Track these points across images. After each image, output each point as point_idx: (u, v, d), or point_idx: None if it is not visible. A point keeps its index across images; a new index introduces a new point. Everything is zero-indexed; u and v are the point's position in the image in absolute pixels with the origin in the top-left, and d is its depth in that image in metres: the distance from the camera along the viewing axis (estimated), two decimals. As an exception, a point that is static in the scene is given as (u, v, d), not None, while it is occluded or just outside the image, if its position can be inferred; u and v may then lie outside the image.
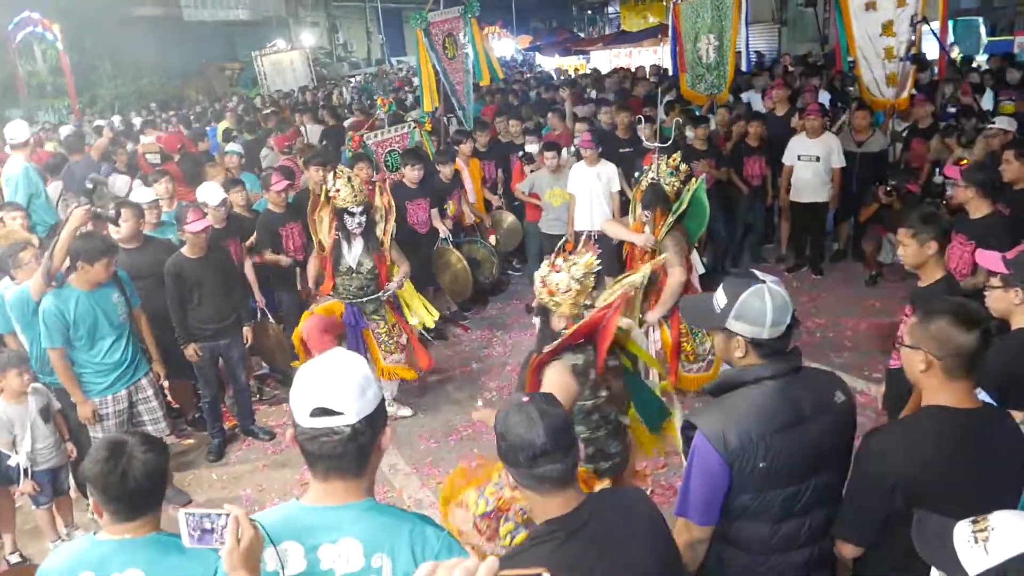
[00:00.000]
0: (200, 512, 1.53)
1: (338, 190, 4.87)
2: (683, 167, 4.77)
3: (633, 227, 4.90)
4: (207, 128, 11.40)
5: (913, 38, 7.11)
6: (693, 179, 4.79)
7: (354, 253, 5.05)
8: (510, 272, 8.26)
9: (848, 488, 2.15)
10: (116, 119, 14.19)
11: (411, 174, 6.36)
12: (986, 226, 4.14)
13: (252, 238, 5.86)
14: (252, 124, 11.29)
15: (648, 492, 3.01)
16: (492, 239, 7.36)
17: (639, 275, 3.65)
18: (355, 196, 4.88)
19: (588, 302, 2.87)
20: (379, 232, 5.17)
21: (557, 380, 2.75)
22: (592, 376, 2.83)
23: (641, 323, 4.88)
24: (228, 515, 1.52)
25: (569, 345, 2.77)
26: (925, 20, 7.12)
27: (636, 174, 5.03)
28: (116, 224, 4.70)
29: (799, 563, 2.15)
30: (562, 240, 3.07)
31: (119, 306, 4.31)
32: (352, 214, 4.92)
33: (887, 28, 7.26)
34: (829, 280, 7.48)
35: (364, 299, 5.13)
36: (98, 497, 2.01)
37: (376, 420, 1.61)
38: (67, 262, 4.07)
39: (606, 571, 1.74)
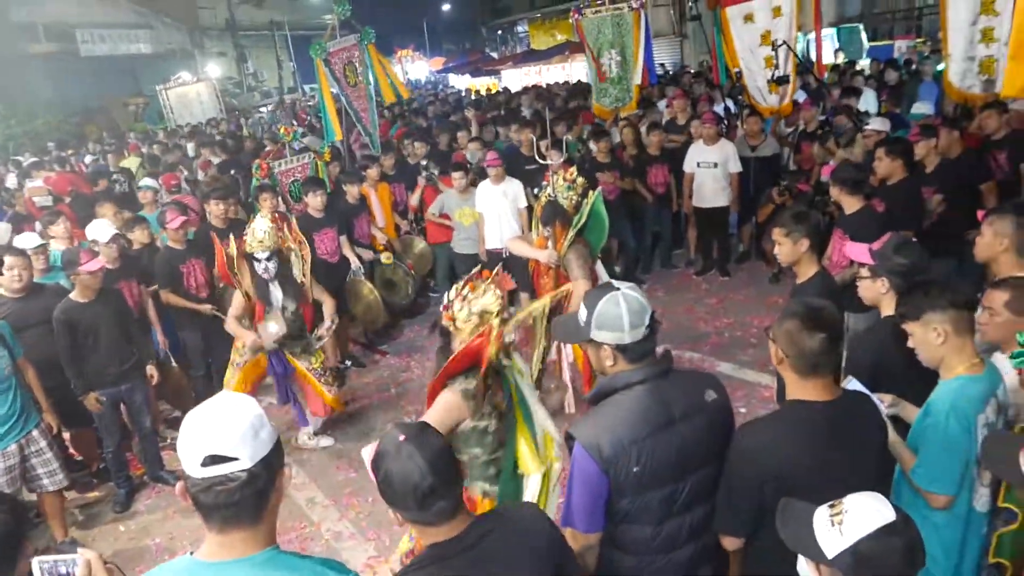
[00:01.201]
0: (53, 558, 1.48)
1: (244, 235, 4.85)
2: (579, 180, 4.87)
3: (537, 243, 4.97)
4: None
5: (784, 49, 7.49)
6: (591, 192, 4.90)
7: (275, 297, 4.98)
8: (429, 295, 8.24)
9: (723, 482, 2.21)
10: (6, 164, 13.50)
11: (314, 201, 6.28)
12: (858, 220, 4.38)
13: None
14: (156, 159, 10.98)
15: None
16: (413, 269, 7.37)
17: (540, 304, 3.68)
18: (261, 241, 4.81)
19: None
20: (296, 273, 5.13)
21: (448, 403, 2.77)
22: (484, 399, 2.85)
23: (546, 350, 4.94)
24: (80, 559, 1.48)
25: (461, 371, 2.79)
26: (785, 43, 7.52)
27: (535, 190, 5.12)
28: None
29: (683, 561, 2.20)
30: (477, 267, 3.07)
31: (2, 359, 4.12)
32: (258, 260, 4.85)
33: (765, 38, 7.64)
34: (735, 280, 7.75)
35: (293, 342, 5.09)
36: None
37: (272, 462, 1.55)
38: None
39: None
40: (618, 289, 2.13)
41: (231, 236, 5.12)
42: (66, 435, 4.86)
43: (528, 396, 2.93)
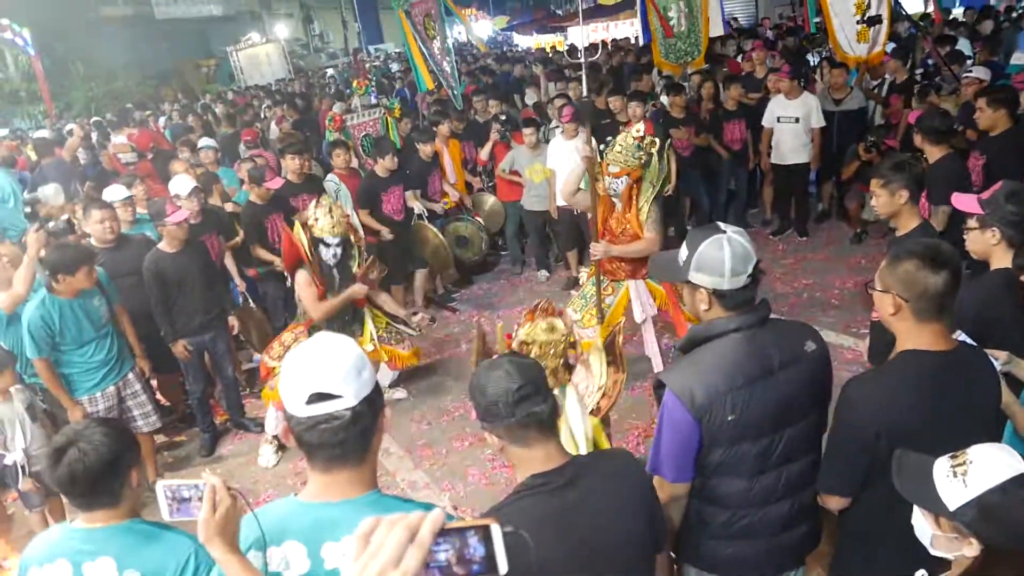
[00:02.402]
0: (178, 482, 1.50)
1: (316, 219, 4.60)
2: (648, 139, 4.64)
3: (601, 198, 4.79)
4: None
5: None
6: (665, 147, 4.71)
7: (336, 283, 4.77)
8: (500, 253, 8.23)
9: (830, 441, 2.13)
10: (90, 121, 14.00)
11: (385, 163, 6.28)
12: (940, 170, 4.15)
13: (239, 235, 5.82)
14: (232, 116, 11.19)
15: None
16: (482, 221, 7.36)
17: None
18: (332, 227, 4.58)
19: (552, 364, 2.83)
20: (354, 267, 4.87)
21: None
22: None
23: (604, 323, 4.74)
24: (205, 484, 1.48)
25: None
26: None
27: (601, 147, 4.91)
28: (73, 233, 4.65)
29: (779, 516, 2.13)
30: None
31: (101, 307, 4.33)
32: (328, 245, 4.60)
33: (856, -19, 7.20)
34: (815, 241, 7.47)
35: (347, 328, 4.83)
36: (55, 488, 1.97)
37: (375, 401, 1.54)
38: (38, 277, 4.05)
39: (592, 528, 1.73)
40: (724, 232, 2.04)
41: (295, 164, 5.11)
42: (154, 382, 5.06)
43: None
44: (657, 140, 5.30)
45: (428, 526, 0.88)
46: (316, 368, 1.48)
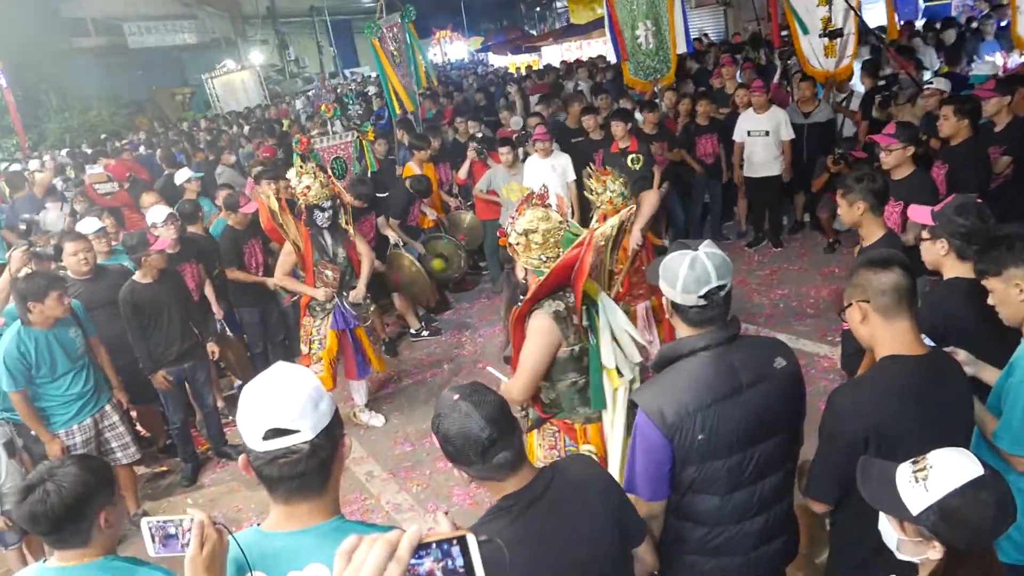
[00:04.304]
0: (163, 519, 1.50)
1: (308, 187, 4.88)
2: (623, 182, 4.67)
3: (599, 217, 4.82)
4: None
5: (844, 7, 7.19)
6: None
7: (328, 244, 5.07)
8: (481, 273, 8.26)
9: (818, 449, 2.15)
10: (62, 152, 13.90)
11: (357, 200, 6.23)
12: (906, 184, 4.25)
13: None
14: (213, 143, 11.21)
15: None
16: (464, 241, 7.38)
17: (608, 226, 3.54)
18: (321, 191, 4.90)
19: (552, 254, 2.85)
20: (342, 222, 5.20)
21: (541, 327, 2.75)
22: (575, 321, 2.84)
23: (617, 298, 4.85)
24: (192, 519, 1.47)
25: (548, 294, 2.78)
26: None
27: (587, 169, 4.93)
28: (57, 261, 4.63)
29: (755, 531, 2.16)
30: (529, 192, 3.07)
31: (77, 339, 4.31)
32: (323, 209, 4.94)
33: (822, -3, 7.36)
34: (789, 251, 7.59)
35: (345, 292, 5.15)
36: (25, 527, 1.95)
37: (334, 431, 1.54)
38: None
39: (563, 538, 1.78)
40: (696, 250, 2.07)
41: (271, 189, 5.29)
42: (133, 413, 5.02)
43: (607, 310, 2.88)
44: (642, 156, 5.38)
45: (406, 541, 0.92)
46: (272, 403, 1.47)
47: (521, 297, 2.92)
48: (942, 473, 1.57)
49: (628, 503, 1.98)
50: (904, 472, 1.64)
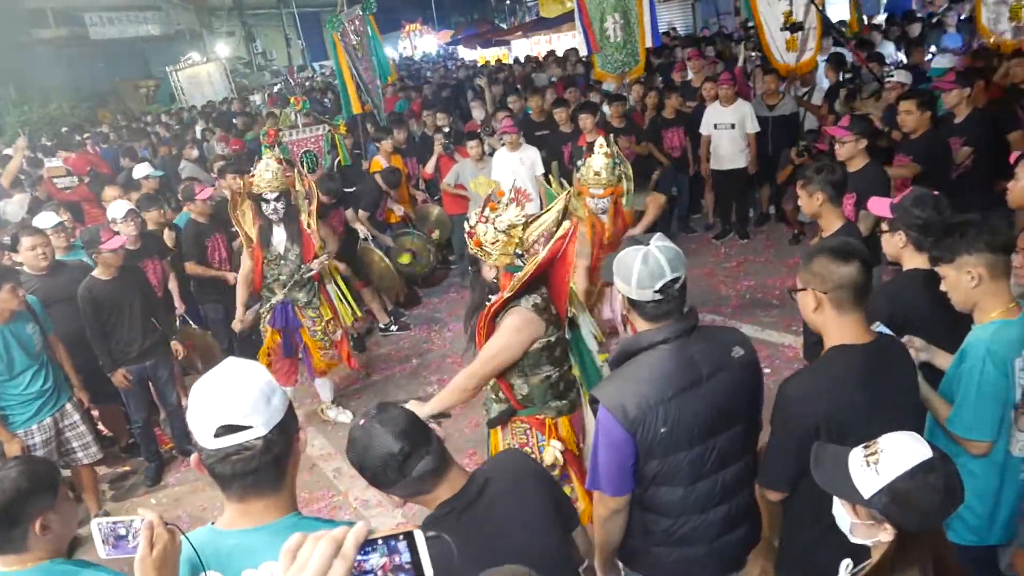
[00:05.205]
0: (113, 520, 1.46)
1: (252, 175, 4.82)
2: (613, 150, 4.69)
3: (587, 218, 4.81)
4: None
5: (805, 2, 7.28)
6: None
7: (278, 239, 4.97)
8: (450, 267, 8.23)
9: (770, 439, 2.18)
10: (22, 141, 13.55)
11: (325, 196, 6.14)
12: (861, 177, 4.29)
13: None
14: (178, 137, 11.03)
15: None
16: (434, 235, 7.34)
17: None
18: (270, 182, 4.79)
19: (519, 251, 2.83)
20: (303, 219, 5.06)
21: (516, 324, 2.73)
22: (553, 311, 2.84)
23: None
24: (142, 520, 1.45)
25: (526, 290, 2.76)
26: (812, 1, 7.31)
27: (578, 162, 4.92)
28: (14, 251, 4.52)
29: (718, 520, 2.18)
30: (491, 189, 3.00)
31: (34, 336, 4.20)
32: (267, 200, 4.83)
33: (782, -9, 7.45)
34: (755, 243, 7.67)
35: (294, 287, 5.01)
36: None
37: (288, 426, 1.51)
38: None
39: (506, 536, 1.79)
40: (648, 245, 2.07)
41: (235, 184, 5.19)
42: (95, 412, 4.93)
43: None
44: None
45: (352, 538, 0.91)
46: (222, 399, 1.44)
47: (490, 297, 2.90)
48: (892, 457, 1.59)
49: (561, 491, 2.00)
50: (856, 456, 1.66)
